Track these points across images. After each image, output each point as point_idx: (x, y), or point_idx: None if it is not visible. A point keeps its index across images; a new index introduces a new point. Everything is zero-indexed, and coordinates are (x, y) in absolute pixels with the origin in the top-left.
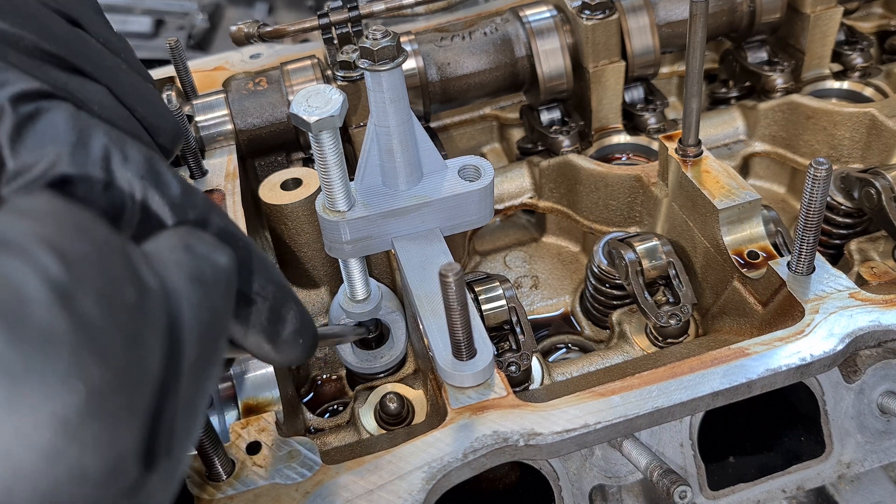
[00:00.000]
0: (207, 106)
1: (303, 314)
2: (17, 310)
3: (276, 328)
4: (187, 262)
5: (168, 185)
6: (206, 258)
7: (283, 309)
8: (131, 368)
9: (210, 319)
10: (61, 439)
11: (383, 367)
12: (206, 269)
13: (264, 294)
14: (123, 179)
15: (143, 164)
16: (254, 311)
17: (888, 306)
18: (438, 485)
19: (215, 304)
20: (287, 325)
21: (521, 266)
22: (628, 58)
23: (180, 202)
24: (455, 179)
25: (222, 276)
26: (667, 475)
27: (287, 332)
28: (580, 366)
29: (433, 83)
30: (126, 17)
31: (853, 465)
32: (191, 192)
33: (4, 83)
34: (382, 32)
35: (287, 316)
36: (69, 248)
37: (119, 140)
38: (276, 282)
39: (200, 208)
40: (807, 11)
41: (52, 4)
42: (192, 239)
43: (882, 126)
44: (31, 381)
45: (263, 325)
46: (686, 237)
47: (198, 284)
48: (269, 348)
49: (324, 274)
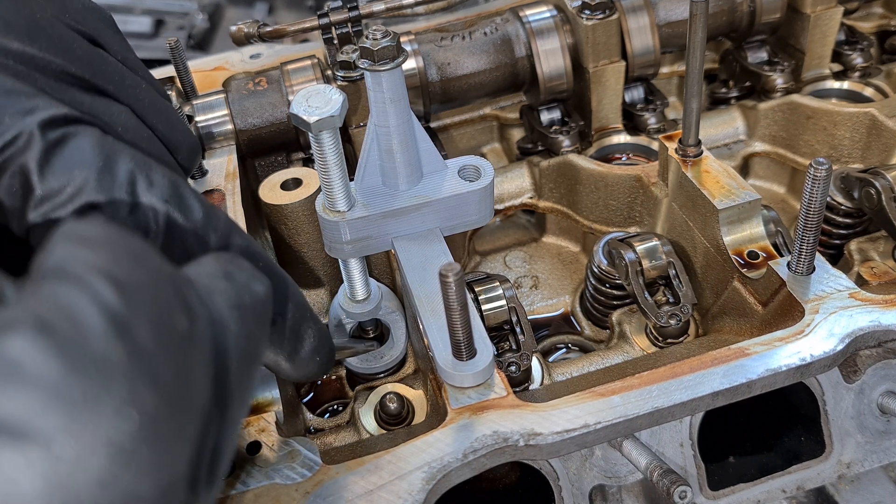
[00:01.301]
0: (207, 106)
1: (321, 332)
2: (76, 339)
3: (294, 346)
4: (227, 289)
5: (191, 209)
6: (245, 286)
7: (302, 328)
8: (182, 396)
9: (248, 346)
10: (116, 465)
11: (383, 367)
12: (245, 297)
13: (285, 314)
14: (148, 203)
15: (167, 188)
16: (275, 330)
17: (888, 306)
18: (438, 485)
19: (253, 332)
20: (305, 343)
21: (521, 266)
22: (628, 58)
23: (203, 224)
24: (455, 179)
25: (259, 303)
26: (667, 475)
27: (305, 351)
28: (580, 366)
29: (433, 83)
30: (126, 17)
31: (853, 465)
32: (213, 215)
33: (34, 109)
34: (382, 32)
35: (305, 335)
36: (124, 276)
37: (144, 164)
38: (297, 302)
39: (222, 230)
40: (807, 11)
41: (74, 24)
42: (232, 266)
43: (882, 126)
44: (89, 409)
45: (283, 344)
46: (686, 237)
47: (238, 312)
48: (287, 366)
49: (324, 274)
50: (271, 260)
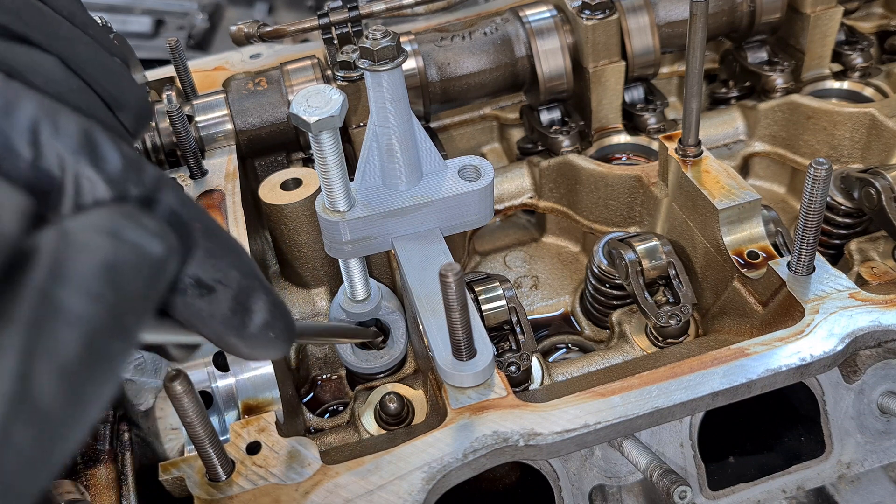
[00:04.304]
0: (207, 106)
1: (274, 305)
2: None
3: (242, 320)
4: (103, 247)
5: (106, 159)
6: (133, 245)
7: (251, 299)
8: None
9: (109, 315)
10: None
11: (383, 367)
12: (127, 257)
13: (227, 282)
14: (52, 153)
15: (77, 136)
16: (214, 300)
17: (888, 306)
18: (438, 485)
19: (122, 298)
20: (255, 316)
21: (521, 266)
22: (628, 58)
23: (119, 178)
24: (455, 179)
25: (147, 266)
26: (667, 475)
27: (255, 325)
28: (580, 366)
29: (433, 83)
30: (126, 17)
31: (853, 465)
32: (137, 168)
33: None
34: (382, 32)
35: (255, 307)
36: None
37: (51, 110)
38: (244, 269)
39: (147, 185)
40: (807, 11)
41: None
42: (125, 222)
43: (882, 126)
44: None
45: (226, 316)
46: (686, 237)
47: (106, 274)
48: (235, 342)
49: (324, 274)
50: (214, 223)
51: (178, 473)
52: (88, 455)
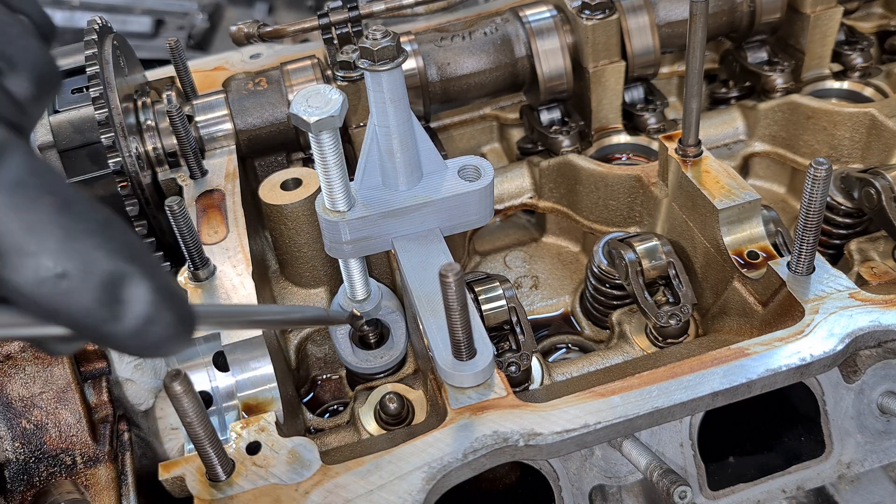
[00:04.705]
0: (207, 106)
1: (159, 293)
2: None
3: (111, 312)
4: None
5: None
6: None
7: (122, 288)
8: None
9: None
10: None
11: (383, 367)
12: None
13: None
14: None
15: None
16: (70, 290)
17: (888, 306)
18: (438, 485)
19: None
20: (130, 308)
21: (521, 266)
22: (628, 58)
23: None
24: (455, 179)
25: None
26: (667, 475)
27: (132, 318)
28: (580, 366)
29: (433, 83)
30: (126, 17)
31: (853, 465)
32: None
33: None
34: (382, 32)
35: (129, 297)
36: None
37: None
38: (113, 252)
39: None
40: (807, 11)
41: None
42: None
43: (882, 126)
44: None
45: (90, 309)
46: (686, 237)
47: None
48: (107, 338)
49: (324, 274)
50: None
51: (178, 473)
52: (88, 455)
